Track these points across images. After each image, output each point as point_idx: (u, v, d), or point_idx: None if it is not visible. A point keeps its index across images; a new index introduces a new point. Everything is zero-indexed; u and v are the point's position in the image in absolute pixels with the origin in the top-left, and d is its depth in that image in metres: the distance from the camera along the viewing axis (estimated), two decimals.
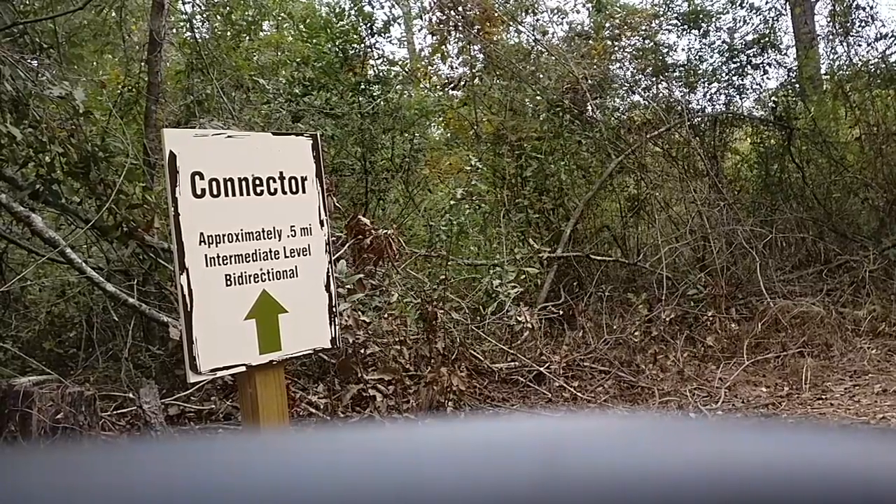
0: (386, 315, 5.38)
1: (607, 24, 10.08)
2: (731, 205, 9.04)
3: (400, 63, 10.20)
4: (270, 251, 2.58)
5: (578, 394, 5.77)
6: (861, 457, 0.53)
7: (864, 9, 10.03)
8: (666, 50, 10.34)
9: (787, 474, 0.48)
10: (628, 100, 10.23)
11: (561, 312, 6.93)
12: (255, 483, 0.44)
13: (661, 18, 10.55)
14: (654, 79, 10.18)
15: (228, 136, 2.56)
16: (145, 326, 5.66)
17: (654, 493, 0.45)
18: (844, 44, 10.26)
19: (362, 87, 8.67)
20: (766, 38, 10.33)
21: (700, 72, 10.33)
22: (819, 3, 11.10)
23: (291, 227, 2.65)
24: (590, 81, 8.87)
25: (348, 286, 5.06)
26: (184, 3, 8.09)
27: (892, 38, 9.85)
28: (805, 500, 0.47)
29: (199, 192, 2.42)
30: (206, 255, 2.42)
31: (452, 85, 9.81)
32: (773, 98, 10.24)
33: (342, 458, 0.48)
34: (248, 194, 2.54)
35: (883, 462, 0.52)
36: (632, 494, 0.45)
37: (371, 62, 9.17)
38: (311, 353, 3.26)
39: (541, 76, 9.34)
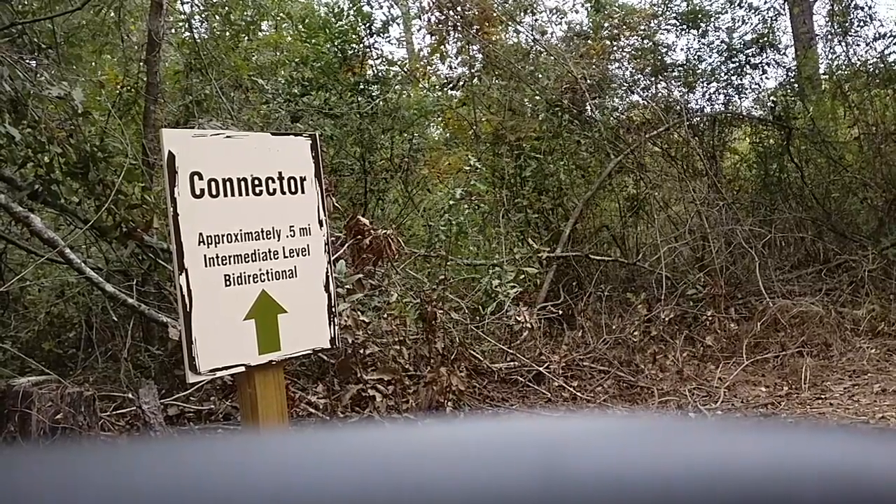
0: (385, 315, 5.38)
1: (606, 24, 10.08)
2: (730, 204, 9.05)
3: (399, 63, 10.20)
4: (269, 251, 2.58)
5: (578, 393, 5.77)
6: (860, 456, 0.52)
7: (862, 8, 10.04)
8: (665, 50, 10.35)
9: (786, 474, 0.48)
10: (627, 99, 10.25)
11: (560, 312, 6.94)
12: (254, 483, 0.44)
13: (660, 18, 10.56)
14: (652, 78, 10.19)
15: (227, 137, 2.56)
16: (144, 327, 5.66)
17: (654, 493, 0.45)
18: (843, 43, 10.27)
19: (361, 87, 8.67)
20: (765, 38, 10.34)
21: (699, 71, 10.34)
22: (817, 3, 11.11)
23: (290, 227, 2.65)
24: (588, 81, 8.87)
25: (347, 286, 5.05)
26: (182, 3, 8.09)
27: (891, 38, 9.86)
28: (805, 500, 0.47)
29: (198, 192, 2.42)
30: (205, 256, 2.42)
31: (451, 85, 9.82)
32: (771, 98, 10.25)
33: (342, 459, 0.48)
34: (248, 194, 2.54)
35: (882, 462, 0.52)
36: (631, 494, 0.45)
37: (370, 62, 9.18)
38: (311, 354, 3.26)
39: (539, 76, 9.34)
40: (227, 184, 2.49)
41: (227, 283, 2.46)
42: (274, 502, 0.43)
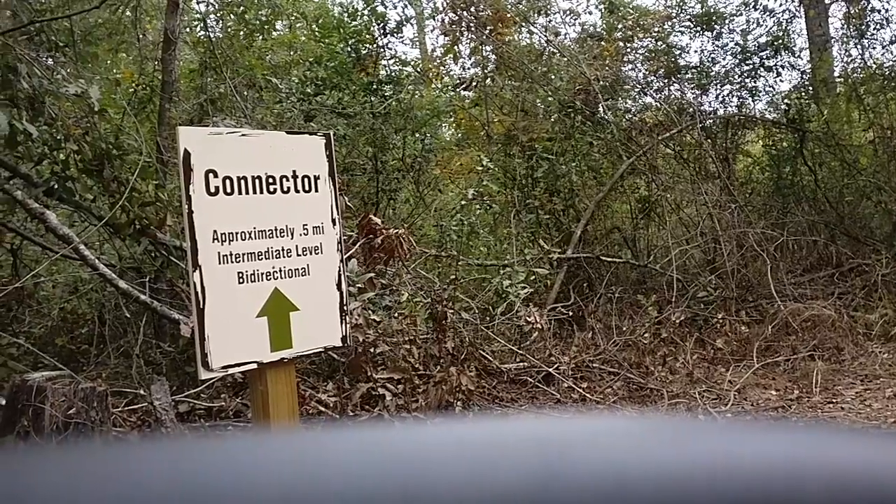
0: (396, 314, 5.39)
1: (620, 26, 10.05)
2: (743, 207, 9.00)
3: (412, 63, 10.21)
4: (283, 249, 2.59)
5: (587, 395, 5.76)
6: (871, 461, 0.53)
7: (878, 11, 9.98)
8: (678, 52, 10.31)
9: (795, 477, 0.48)
10: (640, 101, 10.21)
11: (570, 313, 6.93)
12: (264, 481, 0.45)
13: (674, 20, 10.51)
14: (666, 80, 10.15)
15: (242, 135, 2.58)
16: (157, 323, 5.69)
17: (662, 495, 0.46)
18: (858, 46, 10.21)
19: (374, 86, 8.69)
20: (780, 41, 10.28)
21: (712, 74, 10.28)
22: (833, 6, 11.04)
23: (304, 225, 2.66)
24: (601, 83, 8.85)
25: (359, 285, 5.07)
26: (198, 3, 8.13)
27: None
28: (809, 501, 0.47)
29: (212, 189, 2.43)
30: (218, 253, 2.43)
31: (464, 85, 9.82)
32: (785, 100, 10.18)
33: (351, 457, 0.49)
34: (262, 192, 2.56)
35: (892, 465, 0.52)
36: (639, 495, 0.45)
37: (383, 62, 9.20)
38: (322, 352, 3.27)
39: (552, 77, 9.33)
40: (242, 182, 2.51)
41: (241, 280, 2.48)
42: (284, 500, 0.43)
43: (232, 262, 2.46)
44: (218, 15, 8.11)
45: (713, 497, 0.46)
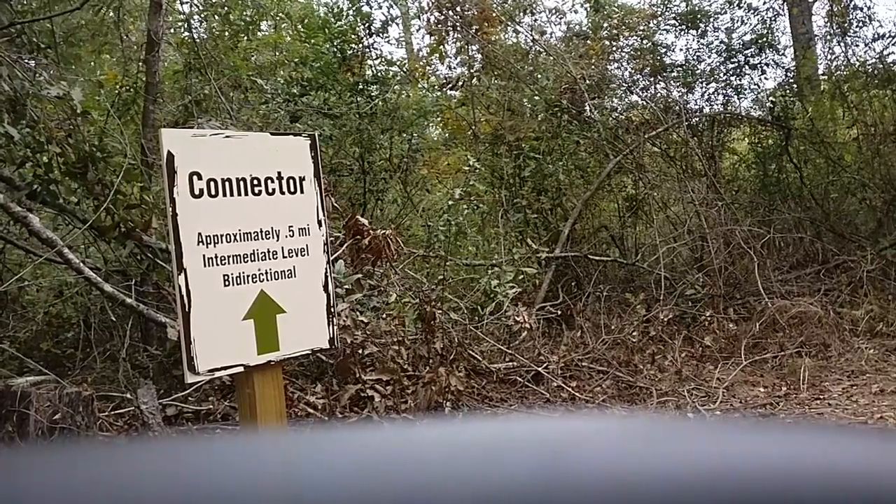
0: (384, 315, 5.38)
1: (605, 25, 10.09)
2: (729, 205, 9.05)
3: (398, 63, 10.20)
4: (268, 251, 2.58)
5: (576, 394, 5.77)
6: (859, 457, 0.53)
7: (861, 9, 10.06)
8: (664, 50, 10.35)
9: (784, 475, 0.48)
10: (626, 100, 10.25)
11: (559, 312, 6.94)
12: (252, 483, 0.44)
13: (659, 18, 10.55)
14: (651, 79, 10.19)
15: (226, 136, 2.56)
16: (143, 327, 5.66)
17: (653, 494, 0.45)
18: (842, 44, 10.29)
19: (360, 87, 8.67)
20: (764, 39, 10.34)
21: (698, 72, 10.33)
22: (817, 4, 11.12)
23: (289, 227, 2.65)
24: (588, 81, 8.88)
25: (346, 286, 5.05)
26: (182, 3, 8.09)
27: (890, 39, 9.88)
28: (803, 500, 0.47)
29: (197, 192, 2.41)
30: (204, 256, 2.42)
31: (450, 85, 9.83)
32: (770, 98, 10.25)
33: (340, 459, 0.48)
34: (246, 194, 2.54)
35: (880, 462, 0.52)
36: (630, 495, 0.45)
37: (369, 62, 9.18)
38: (310, 354, 3.26)
39: (539, 76, 9.35)
40: (226, 184, 2.49)
41: (226, 283, 2.46)
42: (272, 502, 0.43)
43: (217, 264, 2.44)
44: (202, 16, 8.07)
45: (710, 497, 0.46)
